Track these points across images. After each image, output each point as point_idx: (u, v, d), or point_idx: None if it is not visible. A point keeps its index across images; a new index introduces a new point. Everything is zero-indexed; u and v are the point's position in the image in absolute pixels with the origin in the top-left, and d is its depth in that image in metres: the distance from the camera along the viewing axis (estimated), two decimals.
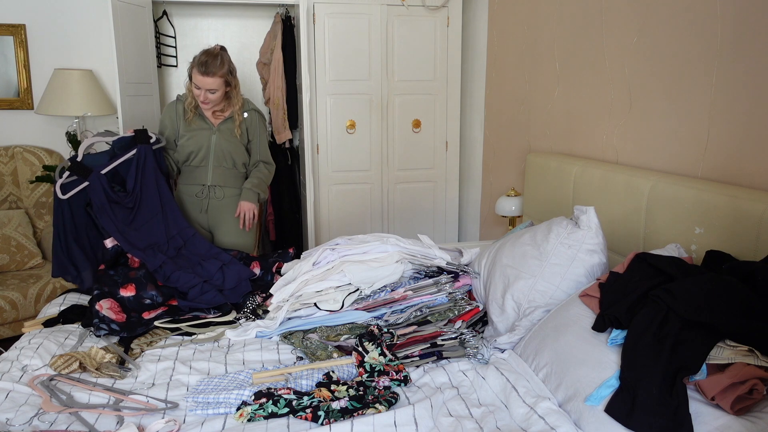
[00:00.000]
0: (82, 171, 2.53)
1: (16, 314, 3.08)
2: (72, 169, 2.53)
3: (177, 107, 2.81)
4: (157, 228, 2.59)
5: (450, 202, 4.12)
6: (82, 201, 2.52)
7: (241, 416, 1.54)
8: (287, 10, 4.04)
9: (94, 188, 2.50)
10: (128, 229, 2.53)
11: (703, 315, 1.43)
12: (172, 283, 2.37)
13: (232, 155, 2.79)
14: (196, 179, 2.82)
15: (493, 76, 3.62)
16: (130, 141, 2.65)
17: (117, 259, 2.54)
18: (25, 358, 1.86)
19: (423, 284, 2.14)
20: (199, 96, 2.67)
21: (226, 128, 2.78)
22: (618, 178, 2.31)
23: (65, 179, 2.52)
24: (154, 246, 2.54)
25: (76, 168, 2.54)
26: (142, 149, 2.63)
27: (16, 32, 3.65)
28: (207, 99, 2.67)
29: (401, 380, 1.72)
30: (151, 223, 2.60)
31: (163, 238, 2.58)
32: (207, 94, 2.66)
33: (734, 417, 1.30)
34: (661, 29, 2.25)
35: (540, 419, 1.49)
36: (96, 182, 2.51)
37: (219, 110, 2.79)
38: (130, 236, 2.51)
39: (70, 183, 2.51)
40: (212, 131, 2.76)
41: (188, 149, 2.76)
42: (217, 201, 2.83)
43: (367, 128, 3.85)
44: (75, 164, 2.55)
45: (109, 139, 2.68)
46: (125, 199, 2.57)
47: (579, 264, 1.93)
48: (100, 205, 2.50)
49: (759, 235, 1.72)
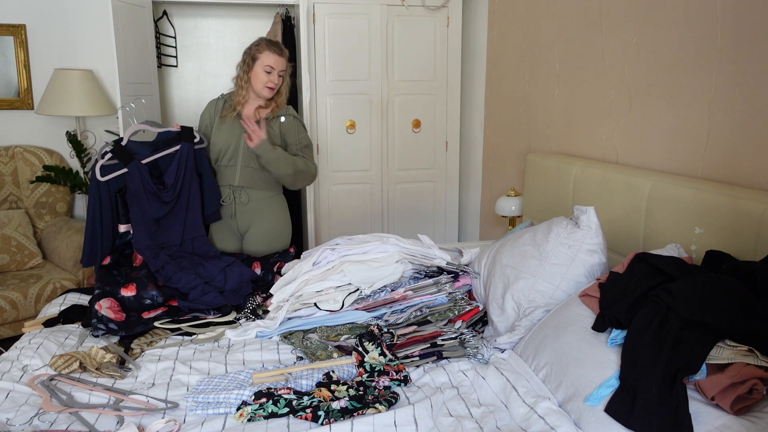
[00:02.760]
0: (124, 156, 2.51)
1: (17, 314, 3.08)
2: (114, 153, 2.52)
3: (218, 104, 2.77)
4: (175, 228, 2.58)
5: (450, 202, 4.12)
6: (114, 186, 2.51)
7: (241, 416, 1.54)
8: (287, 10, 4.04)
9: (132, 176, 2.49)
10: (152, 222, 2.51)
11: (703, 315, 1.43)
12: (173, 284, 2.36)
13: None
14: (225, 179, 2.74)
15: (493, 76, 3.62)
16: (174, 136, 2.64)
17: (123, 250, 2.52)
18: (26, 358, 1.86)
19: (423, 284, 2.14)
20: (270, 80, 2.61)
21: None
22: (618, 178, 2.31)
23: (106, 161, 2.50)
24: (166, 245, 2.53)
25: (119, 152, 2.52)
26: (185, 147, 2.61)
27: (16, 32, 3.65)
28: (277, 82, 2.62)
29: (401, 380, 1.72)
30: (173, 222, 2.58)
31: (177, 239, 2.57)
32: (277, 77, 2.62)
33: (734, 417, 1.30)
34: (661, 29, 2.25)
35: (540, 419, 1.49)
36: (135, 170, 2.49)
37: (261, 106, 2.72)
38: (150, 231, 2.50)
39: (110, 166, 2.50)
40: (243, 130, 2.68)
41: (218, 146, 2.71)
42: (242, 206, 2.75)
43: (367, 128, 3.85)
44: (118, 147, 2.53)
45: (155, 130, 2.66)
46: (163, 193, 2.54)
47: (579, 264, 1.93)
48: (135, 192, 2.48)
49: (759, 235, 1.72)
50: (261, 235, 2.77)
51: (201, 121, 2.82)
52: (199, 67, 4.35)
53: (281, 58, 2.62)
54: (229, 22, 4.32)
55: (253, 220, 2.77)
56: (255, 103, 2.72)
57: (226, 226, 2.79)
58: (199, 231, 2.63)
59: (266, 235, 2.78)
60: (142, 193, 2.50)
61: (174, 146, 2.61)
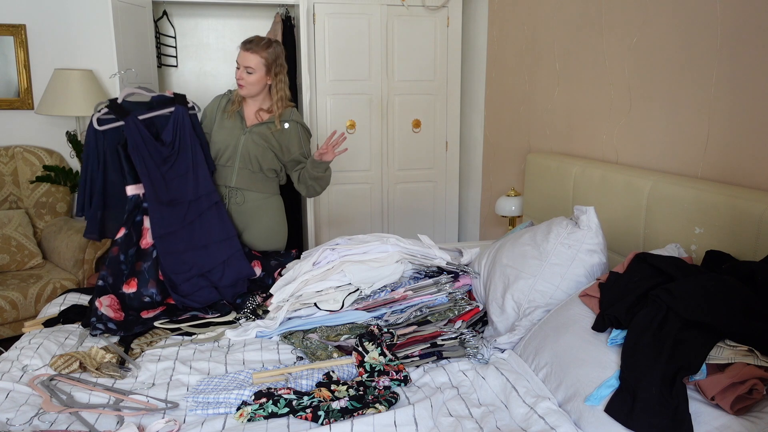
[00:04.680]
0: (120, 111, 2.50)
1: (17, 314, 3.08)
2: (110, 107, 2.51)
3: (221, 100, 2.77)
4: (186, 185, 2.54)
5: (450, 202, 4.12)
6: (114, 141, 2.49)
7: (241, 416, 1.54)
8: (287, 10, 4.04)
9: (129, 128, 2.47)
10: (158, 176, 2.49)
11: (703, 315, 1.43)
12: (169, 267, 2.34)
13: (259, 159, 2.68)
14: (222, 179, 2.73)
15: (493, 76, 3.62)
16: (168, 100, 2.63)
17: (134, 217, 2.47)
18: (26, 358, 1.86)
19: (423, 284, 2.14)
20: (239, 75, 2.61)
21: (258, 131, 2.68)
22: (618, 177, 2.31)
23: (102, 114, 2.49)
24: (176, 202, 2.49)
25: (115, 107, 2.51)
26: (180, 109, 2.59)
27: (16, 32, 3.65)
28: (242, 77, 2.61)
29: (401, 380, 1.72)
30: (182, 178, 2.55)
31: (190, 195, 2.53)
32: (244, 73, 2.60)
33: (734, 417, 1.30)
34: (661, 29, 2.25)
35: (540, 419, 1.49)
36: (132, 124, 2.48)
37: (263, 108, 2.71)
38: (158, 184, 2.47)
39: (107, 119, 2.49)
40: (243, 132, 2.68)
41: (217, 146, 2.70)
42: (237, 207, 2.73)
43: (367, 128, 3.85)
44: (114, 104, 2.53)
45: (149, 94, 2.66)
46: (161, 148, 2.53)
47: (579, 264, 1.93)
48: (135, 145, 2.45)
49: (759, 235, 1.72)
50: (257, 235, 2.77)
51: (203, 115, 2.83)
52: (199, 67, 4.35)
53: (247, 54, 2.59)
54: (229, 22, 4.32)
55: (249, 221, 2.76)
56: (254, 103, 2.72)
57: None
58: (210, 187, 2.59)
59: (262, 235, 2.77)
60: (142, 145, 2.47)
61: (168, 108, 2.60)
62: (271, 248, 2.80)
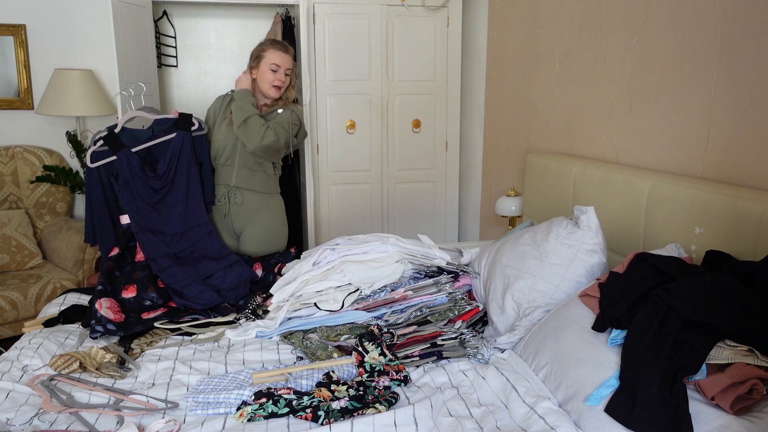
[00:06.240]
0: (115, 144, 2.53)
1: (17, 314, 3.08)
2: (106, 140, 2.54)
3: (224, 101, 2.76)
4: (176, 215, 2.56)
5: (450, 202, 4.12)
6: (106, 173, 2.55)
7: (241, 416, 1.54)
8: (287, 10, 4.04)
9: (121, 164, 2.51)
10: (148, 209, 2.52)
11: (703, 315, 1.43)
12: (168, 277, 2.35)
13: (257, 157, 2.68)
14: (222, 179, 2.73)
15: (493, 76, 3.62)
16: (171, 124, 2.63)
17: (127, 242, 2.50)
18: (26, 358, 1.86)
19: (423, 284, 2.14)
20: (277, 78, 2.59)
21: None
22: (618, 178, 2.31)
23: (97, 147, 2.53)
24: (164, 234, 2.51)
25: (110, 140, 2.54)
26: (181, 135, 2.59)
27: (16, 32, 3.65)
28: (283, 80, 2.59)
29: (401, 380, 1.72)
30: (172, 209, 2.57)
31: (178, 228, 2.55)
32: (282, 75, 2.59)
33: (734, 417, 1.30)
34: (661, 29, 2.25)
35: (540, 419, 1.49)
36: (123, 158, 2.51)
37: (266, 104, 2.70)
38: (147, 217, 2.51)
39: (101, 153, 2.54)
40: None
41: (216, 145, 2.70)
42: (236, 207, 2.73)
43: (367, 128, 3.85)
44: (111, 135, 2.55)
45: (152, 117, 2.66)
46: (153, 180, 2.55)
47: (579, 264, 1.93)
48: (125, 181, 2.50)
49: (759, 235, 1.72)
50: (256, 236, 2.77)
51: (207, 115, 2.83)
52: (199, 67, 4.35)
53: (286, 56, 2.60)
54: (229, 22, 4.32)
55: (249, 221, 2.76)
56: (261, 105, 2.71)
57: (223, 226, 2.78)
58: (203, 218, 2.60)
59: (261, 236, 2.77)
60: (131, 180, 2.51)
61: (170, 134, 2.60)
62: (271, 250, 2.79)
